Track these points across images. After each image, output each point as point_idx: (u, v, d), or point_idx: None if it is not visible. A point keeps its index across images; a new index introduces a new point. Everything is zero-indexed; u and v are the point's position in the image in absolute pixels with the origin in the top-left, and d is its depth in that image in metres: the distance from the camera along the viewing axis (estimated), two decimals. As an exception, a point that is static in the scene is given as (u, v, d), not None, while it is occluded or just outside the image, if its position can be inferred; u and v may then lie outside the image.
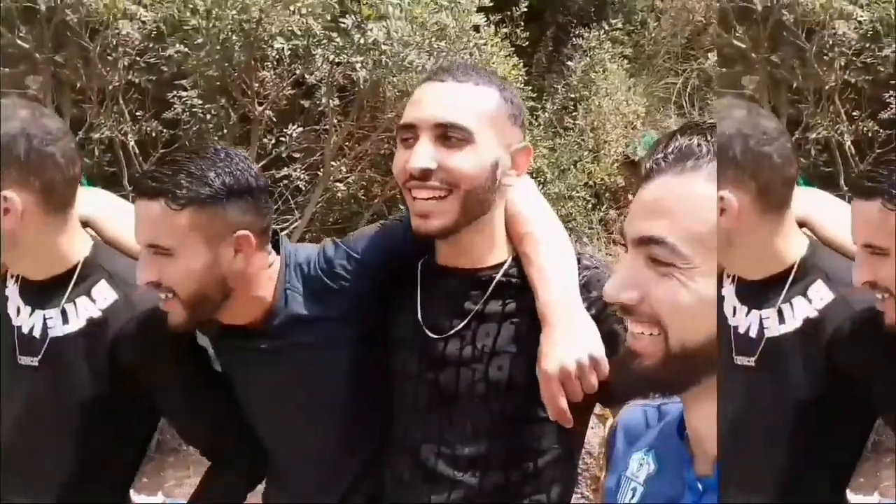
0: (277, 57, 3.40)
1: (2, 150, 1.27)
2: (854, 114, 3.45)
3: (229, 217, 1.27)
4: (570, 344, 1.20)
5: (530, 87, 4.63)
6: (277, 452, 1.46)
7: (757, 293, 1.28)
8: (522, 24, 4.38)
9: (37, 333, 1.38)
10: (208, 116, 3.54)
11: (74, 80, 3.30)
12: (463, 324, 1.29)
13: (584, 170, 4.96)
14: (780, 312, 1.25)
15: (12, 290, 1.42)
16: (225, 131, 3.74)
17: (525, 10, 4.33)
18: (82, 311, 1.37)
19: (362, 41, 3.14)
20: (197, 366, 1.44)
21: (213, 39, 3.07)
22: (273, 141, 3.79)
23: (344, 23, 3.21)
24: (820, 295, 1.24)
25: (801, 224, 1.30)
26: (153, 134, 3.58)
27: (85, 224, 1.44)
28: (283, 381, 1.38)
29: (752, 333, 1.27)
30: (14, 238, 1.32)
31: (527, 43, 4.37)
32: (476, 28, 3.46)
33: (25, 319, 1.39)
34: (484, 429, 1.28)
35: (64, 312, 1.38)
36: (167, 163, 1.29)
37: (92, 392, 1.36)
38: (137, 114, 3.54)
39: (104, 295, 1.37)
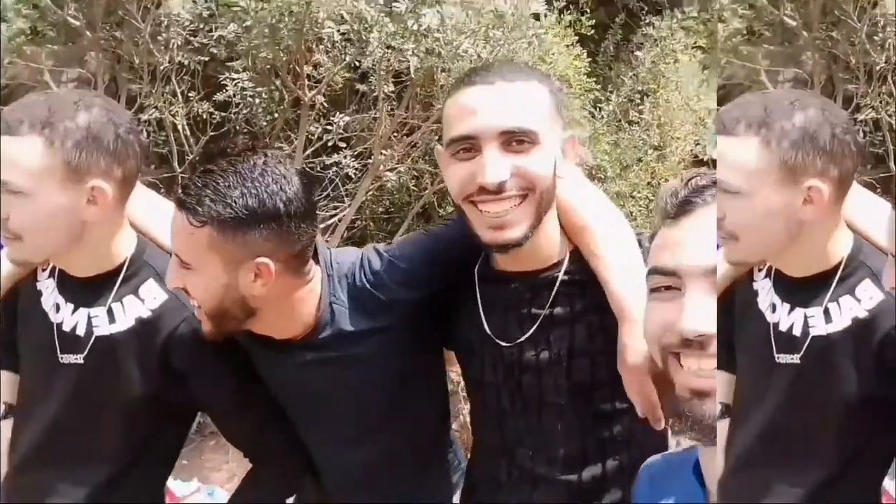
0: (332, 41, 3.32)
1: (91, 137, 1.24)
2: (190, 94, 3.42)
3: (250, 242, 1.20)
4: None
5: (594, 79, 4.42)
6: (321, 461, 1.46)
7: (800, 290, 1.24)
8: (589, 10, 4.17)
9: (80, 332, 1.36)
10: (257, 100, 3.49)
11: (127, 59, 3.30)
12: (534, 329, 1.28)
13: (647, 168, 4.72)
14: (826, 311, 1.22)
15: (48, 284, 1.39)
16: (276, 115, 3.69)
17: (592, -5, 4.11)
18: (130, 310, 1.35)
19: (415, 27, 3.00)
20: (245, 371, 1.41)
21: (261, 22, 2.99)
22: (321, 128, 3.71)
23: (397, 7, 3.08)
24: (869, 294, 1.21)
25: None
26: (204, 116, 3.57)
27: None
28: (328, 392, 1.36)
29: (797, 331, 1.23)
30: (87, 231, 1.29)
31: (592, 31, 4.14)
32: (536, 16, 3.28)
33: (67, 317, 1.36)
34: (575, 428, 1.28)
35: (110, 311, 1.35)
36: (202, 173, 1.22)
37: (140, 391, 1.35)
38: (189, 95, 3.52)
39: (153, 294, 1.36)
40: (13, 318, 1.43)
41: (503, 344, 1.30)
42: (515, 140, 1.19)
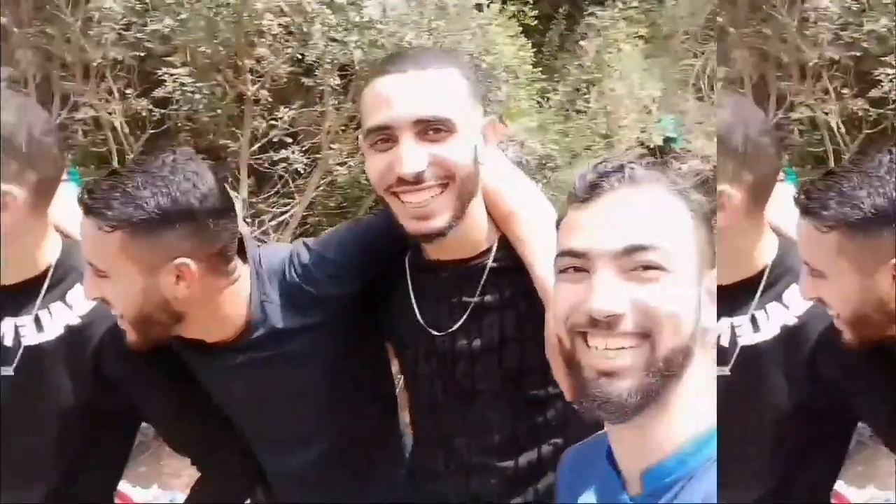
0: (272, 34, 3.25)
1: (9, 140, 1.19)
2: (843, 91, 3.32)
3: (166, 243, 1.15)
4: None
5: (540, 69, 4.45)
6: (267, 463, 1.43)
7: (726, 299, 1.20)
8: (532, 1, 4.19)
9: (9, 342, 1.31)
10: (198, 96, 3.40)
11: (60, 55, 3.18)
12: (464, 317, 1.26)
13: (596, 156, 4.78)
14: (753, 319, 1.21)
15: None
16: (218, 111, 3.61)
17: (534, -14, 4.13)
18: (58, 317, 1.31)
19: (357, 18, 2.97)
20: (182, 376, 1.36)
21: (198, 15, 2.92)
22: (266, 123, 3.65)
23: (339, -1, 3.05)
24: (797, 299, 1.19)
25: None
26: (143, 113, 3.47)
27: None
28: (266, 392, 1.33)
29: (724, 342, 1.23)
30: (4, 238, 1.24)
31: (536, 22, 4.17)
32: (479, 7, 3.28)
33: None
34: (508, 414, 1.27)
35: (38, 319, 1.30)
36: (108, 175, 1.17)
37: (74, 401, 1.31)
38: (126, 92, 3.42)
39: (82, 300, 1.29)
40: None
41: (436, 333, 1.28)
42: (431, 129, 1.16)
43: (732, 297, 1.22)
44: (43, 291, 1.30)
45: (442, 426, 1.31)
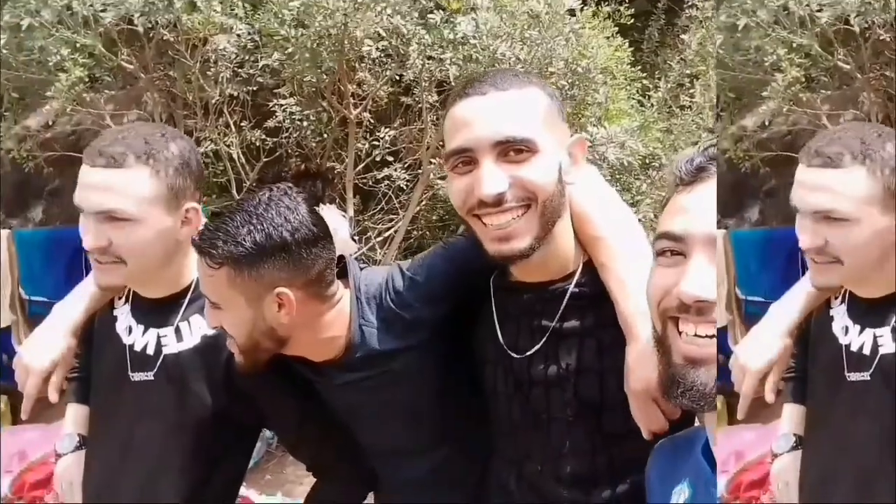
0: (371, 58, 3.38)
1: (184, 163, 1.37)
2: (242, 124, 3.62)
3: (264, 275, 1.25)
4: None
5: (640, 67, 4.35)
6: (380, 471, 1.48)
7: (871, 312, 1.25)
8: (628, 0, 4.11)
9: (150, 350, 1.43)
10: (306, 123, 3.58)
11: (181, 96, 3.44)
12: (542, 342, 1.24)
13: (703, 151, 4.61)
14: (894, 330, 1.22)
15: (122, 310, 1.48)
16: (325, 135, 3.78)
17: (628, -16, 4.06)
18: (196, 328, 1.42)
19: (451, 36, 3.03)
20: (303, 388, 1.45)
21: (302, 47, 3.08)
22: (368, 144, 3.78)
23: (432, 18, 3.12)
24: None
25: None
26: (257, 143, 3.69)
27: None
28: (372, 407, 1.38)
29: (867, 351, 1.24)
30: (176, 252, 1.38)
31: (632, 20, 4.08)
32: (571, 12, 3.26)
33: (139, 338, 1.44)
34: (584, 446, 1.24)
35: (178, 330, 1.42)
36: (214, 217, 1.29)
37: (209, 406, 1.41)
38: (241, 124, 3.65)
39: None
40: (88, 350, 1.50)
41: (514, 355, 1.27)
42: (513, 150, 1.15)
43: (877, 311, 1.23)
44: (184, 305, 1.43)
45: (516, 446, 1.30)
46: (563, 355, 1.23)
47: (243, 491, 2.63)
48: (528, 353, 1.25)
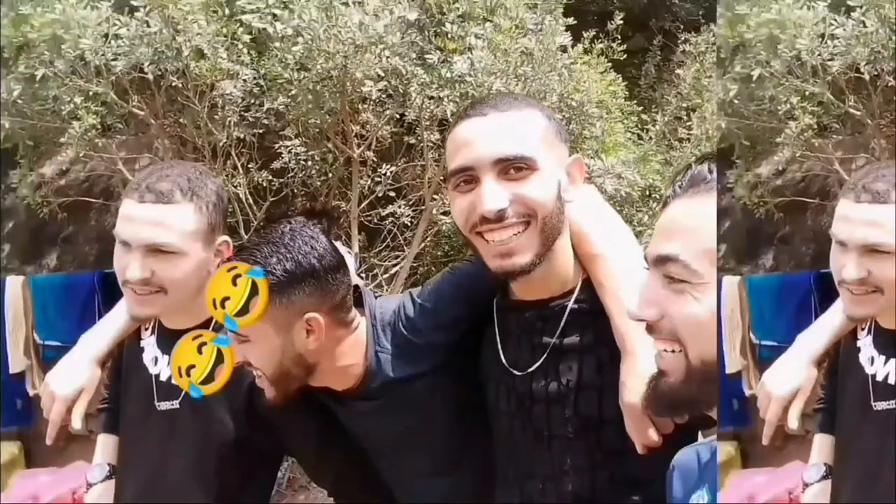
0: (375, 99, 3.49)
1: (219, 200, 1.47)
2: (249, 166, 3.73)
3: (295, 302, 1.29)
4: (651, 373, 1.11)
5: (636, 101, 4.45)
6: (400, 495, 1.49)
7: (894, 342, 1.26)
8: (619, 37, 4.24)
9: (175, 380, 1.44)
10: (311, 163, 3.68)
11: (191, 140, 3.56)
12: (543, 359, 1.26)
13: (702, 182, 4.66)
14: None
15: (149, 341, 1.52)
16: (330, 175, 3.88)
17: (620, 23, 4.18)
18: None
19: (448, 74, 3.14)
20: (322, 414, 1.47)
21: (305, 90, 3.19)
22: (370, 181, 3.87)
23: (430, 58, 3.24)
24: None
25: None
26: (263, 184, 3.79)
27: None
28: (391, 433, 1.40)
29: (892, 380, 1.25)
30: (199, 288, 1.41)
31: (625, 56, 4.20)
32: (563, 49, 3.37)
33: (164, 368, 1.47)
34: (584, 463, 1.24)
35: None
36: (241, 251, 1.35)
37: (231, 433, 1.44)
38: (248, 166, 3.75)
39: None
40: (117, 380, 1.54)
41: (516, 373, 1.28)
42: (513, 168, 1.18)
43: None
44: None
45: (519, 465, 1.30)
46: (563, 371, 1.25)
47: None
48: (529, 370, 1.27)
